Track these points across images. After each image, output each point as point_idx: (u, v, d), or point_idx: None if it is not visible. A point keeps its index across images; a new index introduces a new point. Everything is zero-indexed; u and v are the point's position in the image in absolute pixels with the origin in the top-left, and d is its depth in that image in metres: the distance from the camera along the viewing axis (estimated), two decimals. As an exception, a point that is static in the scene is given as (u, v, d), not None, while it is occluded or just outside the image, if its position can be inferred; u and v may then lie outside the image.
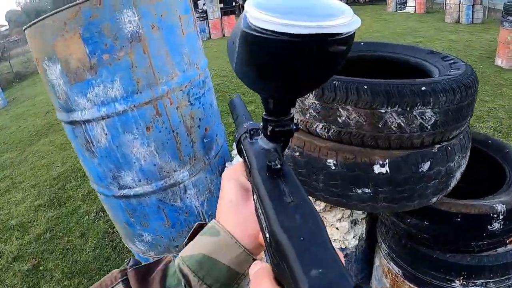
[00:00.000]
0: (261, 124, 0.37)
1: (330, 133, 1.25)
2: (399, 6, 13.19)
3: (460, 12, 10.14)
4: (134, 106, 1.57)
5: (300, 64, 0.26)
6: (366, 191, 1.28)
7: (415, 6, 12.56)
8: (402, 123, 1.14)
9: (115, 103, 1.57)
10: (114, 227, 2.85)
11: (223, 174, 0.47)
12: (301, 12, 0.25)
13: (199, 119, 1.76)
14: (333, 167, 1.29)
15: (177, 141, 1.70)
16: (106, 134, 1.69)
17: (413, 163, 1.23)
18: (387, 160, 1.24)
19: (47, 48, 1.51)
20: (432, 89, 1.11)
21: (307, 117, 1.27)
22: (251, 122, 0.46)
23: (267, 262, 0.32)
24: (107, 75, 1.51)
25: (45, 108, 7.46)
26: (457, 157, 1.29)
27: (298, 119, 1.31)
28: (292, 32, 0.23)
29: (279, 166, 0.33)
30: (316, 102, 1.20)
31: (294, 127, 0.35)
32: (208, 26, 12.27)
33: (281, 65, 0.26)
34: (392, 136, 1.20)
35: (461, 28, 9.54)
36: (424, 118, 1.14)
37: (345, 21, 0.25)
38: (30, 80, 12.05)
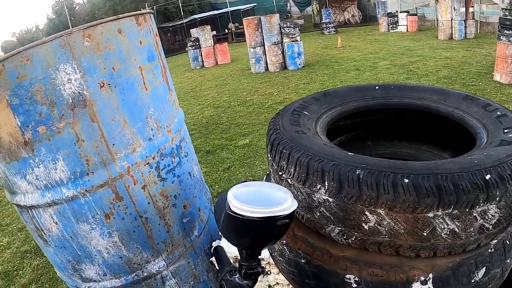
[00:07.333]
0: (237, 265, 0.81)
1: (350, 240, 0.88)
2: (391, 26, 13.17)
3: (453, 28, 10.05)
4: (86, 190, 1.20)
5: (262, 232, 0.70)
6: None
7: (407, 25, 12.53)
8: (456, 229, 0.77)
9: (61, 187, 1.20)
10: None
11: None
12: (262, 202, 0.68)
13: (175, 196, 1.39)
14: (355, 285, 0.90)
15: (147, 228, 1.32)
16: (56, 223, 1.31)
17: (465, 273, 0.85)
18: (430, 275, 0.85)
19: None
20: (499, 177, 0.75)
21: (317, 217, 0.89)
22: (230, 265, 0.88)
23: None
24: (47, 153, 1.15)
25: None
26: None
27: (304, 215, 0.94)
28: (257, 216, 0.65)
29: None
30: (330, 199, 0.83)
31: (260, 269, 0.78)
32: (201, 55, 12.12)
33: (250, 232, 0.69)
34: (440, 245, 0.82)
35: (455, 45, 9.42)
36: (487, 217, 0.77)
37: (287, 206, 0.68)
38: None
